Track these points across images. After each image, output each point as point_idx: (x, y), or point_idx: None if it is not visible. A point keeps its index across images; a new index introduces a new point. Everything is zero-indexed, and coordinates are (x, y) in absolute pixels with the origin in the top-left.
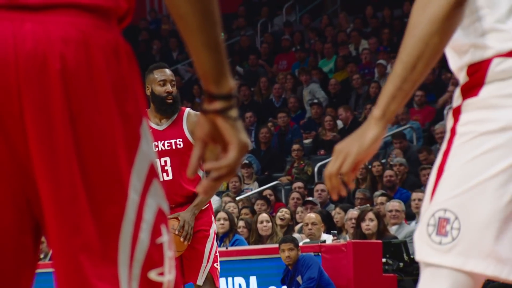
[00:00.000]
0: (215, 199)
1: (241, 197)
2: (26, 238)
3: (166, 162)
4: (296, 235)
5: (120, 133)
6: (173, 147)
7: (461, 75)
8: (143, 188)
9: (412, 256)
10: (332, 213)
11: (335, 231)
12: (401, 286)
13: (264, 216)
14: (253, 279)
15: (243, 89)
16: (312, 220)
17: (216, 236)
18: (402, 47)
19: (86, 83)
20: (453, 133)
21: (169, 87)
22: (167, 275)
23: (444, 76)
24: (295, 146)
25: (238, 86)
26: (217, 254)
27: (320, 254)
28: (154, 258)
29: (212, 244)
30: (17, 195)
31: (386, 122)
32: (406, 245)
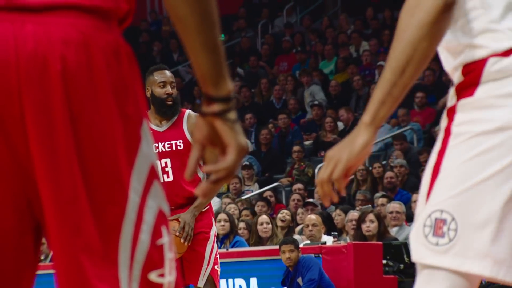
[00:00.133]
0: (216, 201)
1: (240, 198)
2: (26, 239)
3: (166, 163)
4: (296, 237)
5: (120, 134)
6: (173, 149)
7: (455, 75)
8: (144, 189)
9: None
10: (332, 214)
11: (336, 233)
12: None
13: (264, 218)
14: (253, 281)
15: (244, 90)
16: (312, 221)
17: (216, 237)
18: (391, 52)
19: (87, 84)
20: (447, 133)
21: (169, 89)
22: (168, 277)
23: (444, 77)
24: (296, 148)
25: (239, 87)
26: (217, 256)
27: (320, 255)
28: (154, 259)
29: (212, 246)
30: (17, 196)
31: (376, 128)
32: (406, 246)
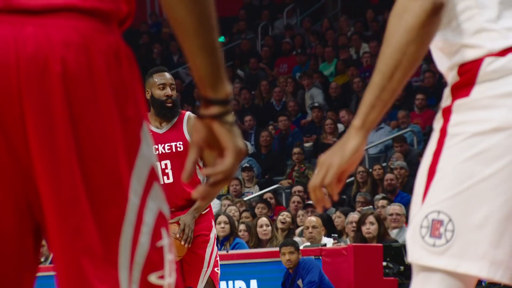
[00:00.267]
0: (216, 203)
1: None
2: (26, 241)
3: (166, 165)
4: (296, 239)
5: (120, 136)
6: (173, 150)
7: (451, 75)
8: (144, 191)
9: None
10: (332, 216)
11: (336, 235)
12: None
13: (263, 220)
14: (253, 283)
15: (244, 92)
16: (312, 223)
17: (216, 239)
18: (380, 56)
19: (87, 87)
20: (443, 133)
21: (168, 91)
22: (167, 278)
23: (444, 79)
24: (296, 150)
25: (239, 89)
26: (217, 259)
27: (320, 257)
28: (154, 261)
29: (212, 248)
30: (18, 198)
31: (366, 132)
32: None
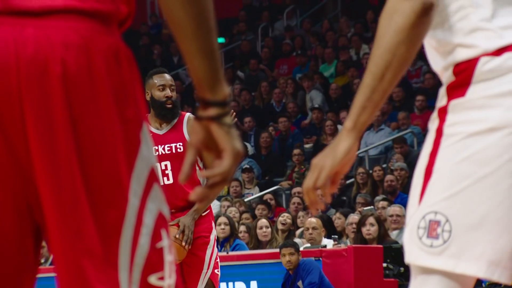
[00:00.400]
0: (216, 204)
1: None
2: (26, 242)
3: (166, 166)
4: (297, 240)
5: (120, 137)
6: (173, 151)
7: (446, 75)
8: (143, 192)
9: None
10: (332, 218)
11: (336, 236)
12: None
13: (263, 221)
14: (253, 284)
15: (244, 93)
16: (313, 224)
17: (217, 241)
18: (371, 58)
19: (87, 88)
20: (439, 134)
21: (168, 92)
22: (167, 280)
23: None
24: (296, 151)
25: (239, 90)
26: (217, 260)
27: (321, 259)
28: (154, 262)
29: (212, 250)
30: (18, 199)
31: (358, 133)
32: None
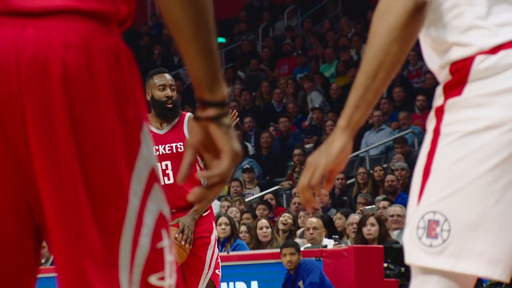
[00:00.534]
0: (216, 204)
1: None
2: (27, 242)
3: (167, 166)
4: (297, 240)
5: (120, 137)
6: (174, 151)
7: (442, 73)
8: (144, 192)
9: None
10: (333, 218)
11: (337, 236)
12: None
13: (263, 222)
14: (254, 284)
15: (245, 93)
16: (313, 224)
17: (217, 241)
18: (364, 57)
19: (87, 88)
20: (436, 133)
21: (168, 92)
22: (168, 280)
23: None
24: (297, 151)
25: (240, 90)
26: (218, 261)
27: (321, 259)
28: (154, 262)
29: (213, 250)
30: (18, 200)
31: (352, 132)
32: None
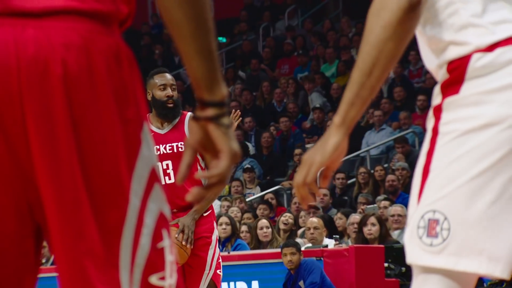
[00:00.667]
0: (216, 204)
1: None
2: (27, 242)
3: (168, 165)
4: (298, 240)
5: (121, 138)
6: (174, 151)
7: (440, 72)
8: (144, 192)
9: None
10: (334, 217)
11: (337, 236)
12: None
13: (264, 222)
14: (255, 284)
15: (245, 93)
16: (314, 224)
17: (218, 240)
18: (359, 54)
19: (88, 88)
20: (435, 132)
21: (169, 91)
22: (168, 279)
23: None
24: (297, 151)
25: (240, 90)
26: (219, 261)
27: (322, 258)
28: (155, 262)
29: (214, 251)
30: (18, 200)
31: (347, 129)
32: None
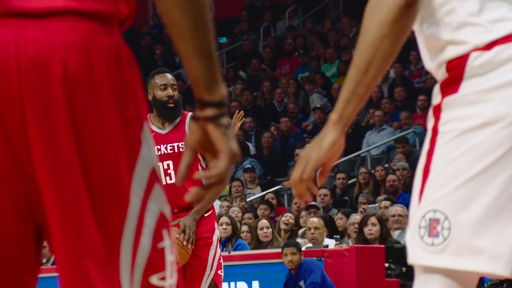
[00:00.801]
0: (216, 204)
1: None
2: (28, 243)
3: (169, 165)
4: (299, 240)
5: (121, 138)
6: (175, 151)
7: (439, 72)
8: (144, 192)
9: None
10: (334, 217)
11: (338, 236)
12: None
13: (264, 222)
14: (255, 284)
15: (246, 93)
16: (314, 224)
17: (219, 241)
18: (355, 51)
19: (88, 89)
20: (435, 132)
21: (170, 91)
22: (169, 280)
23: None
24: (298, 151)
25: (241, 90)
26: (221, 261)
27: (322, 258)
28: (155, 262)
29: (215, 251)
30: (19, 200)
31: (343, 126)
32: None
